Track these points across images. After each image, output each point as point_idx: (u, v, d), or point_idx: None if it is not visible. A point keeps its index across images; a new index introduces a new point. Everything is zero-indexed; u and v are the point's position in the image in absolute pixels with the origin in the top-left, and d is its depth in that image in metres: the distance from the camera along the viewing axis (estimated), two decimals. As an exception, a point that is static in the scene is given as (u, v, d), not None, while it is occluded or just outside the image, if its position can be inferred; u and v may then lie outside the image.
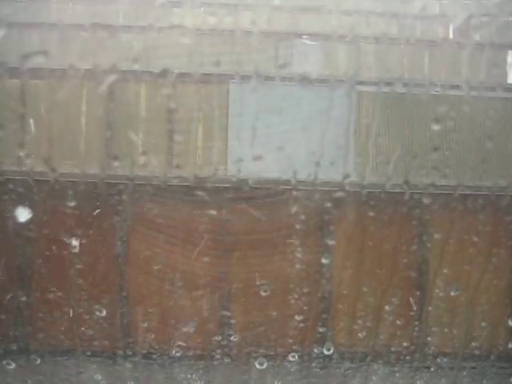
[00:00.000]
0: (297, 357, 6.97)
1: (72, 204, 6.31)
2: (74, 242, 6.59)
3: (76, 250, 6.65)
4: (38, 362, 6.73)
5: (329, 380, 7.20)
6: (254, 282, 7.14)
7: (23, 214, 5.82)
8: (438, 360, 7.24)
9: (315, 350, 7.07)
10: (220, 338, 7.20)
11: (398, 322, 7.21)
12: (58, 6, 8.34)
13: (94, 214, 6.94)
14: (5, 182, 6.58)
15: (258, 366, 6.81)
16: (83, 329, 6.95)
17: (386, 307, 7.14)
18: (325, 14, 8.90)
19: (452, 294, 6.96)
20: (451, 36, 9.57)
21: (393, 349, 7.19)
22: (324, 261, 7.28)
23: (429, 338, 7.31)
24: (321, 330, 7.31)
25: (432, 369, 7.22)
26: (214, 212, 7.20)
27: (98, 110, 7.41)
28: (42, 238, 6.90)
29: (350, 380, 7.24)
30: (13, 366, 6.31)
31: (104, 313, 6.86)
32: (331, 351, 7.02)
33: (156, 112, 7.83)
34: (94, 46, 7.26)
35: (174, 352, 7.09)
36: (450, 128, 7.57)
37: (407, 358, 7.17)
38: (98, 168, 6.81)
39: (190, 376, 7.13)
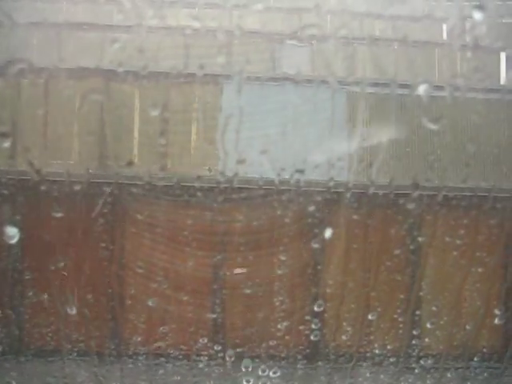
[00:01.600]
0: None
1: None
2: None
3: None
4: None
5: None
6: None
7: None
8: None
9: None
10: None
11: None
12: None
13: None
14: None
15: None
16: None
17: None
18: (317, 14, 8.90)
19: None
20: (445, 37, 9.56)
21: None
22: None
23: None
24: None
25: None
26: (204, 212, 7.23)
27: (89, 112, 7.42)
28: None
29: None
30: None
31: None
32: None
33: (147, 113, 7.85)
34: (92, 46, 7.28)
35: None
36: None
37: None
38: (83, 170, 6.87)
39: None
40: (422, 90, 7.16)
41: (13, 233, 5.36)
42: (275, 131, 7.65)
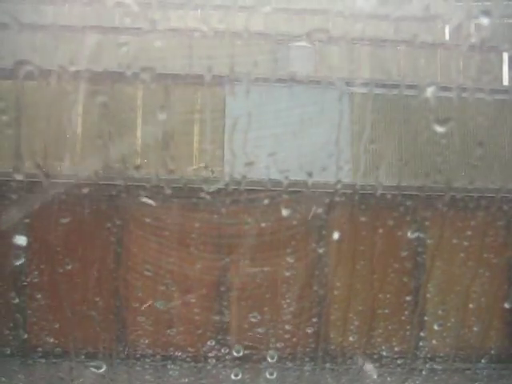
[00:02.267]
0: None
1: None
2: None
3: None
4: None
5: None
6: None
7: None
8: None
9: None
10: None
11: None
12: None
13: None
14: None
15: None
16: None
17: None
18: (320, 16, 8.91)
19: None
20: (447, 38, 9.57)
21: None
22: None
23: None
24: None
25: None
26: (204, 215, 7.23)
27: (93, 114, 7.41)
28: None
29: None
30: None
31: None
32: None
33: (152, 114, 7.83)
34: (95, 49, 7.25)
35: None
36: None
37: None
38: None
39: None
40: (428, 91, 7.17)
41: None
42: (280, 131, 7.65)
